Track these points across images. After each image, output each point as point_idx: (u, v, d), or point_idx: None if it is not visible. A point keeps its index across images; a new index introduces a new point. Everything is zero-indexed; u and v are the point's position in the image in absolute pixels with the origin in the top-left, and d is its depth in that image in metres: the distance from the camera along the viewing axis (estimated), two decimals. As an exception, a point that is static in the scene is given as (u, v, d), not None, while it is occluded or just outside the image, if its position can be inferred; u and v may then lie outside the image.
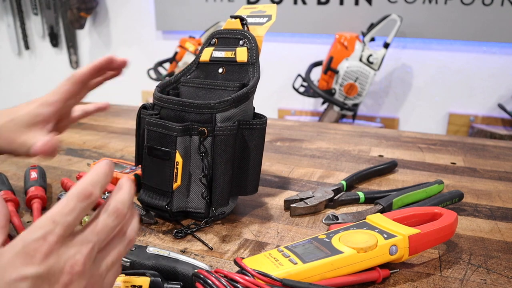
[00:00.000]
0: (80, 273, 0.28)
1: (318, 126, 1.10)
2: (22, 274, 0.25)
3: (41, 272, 0.26)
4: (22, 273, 0.26)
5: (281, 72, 2.36)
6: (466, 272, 0.47)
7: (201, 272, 0.39)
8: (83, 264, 0.28)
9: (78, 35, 2.83)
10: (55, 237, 0.27)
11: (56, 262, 0.27)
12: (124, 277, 0.41)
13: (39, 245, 0.26)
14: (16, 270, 0.26)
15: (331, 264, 0.42)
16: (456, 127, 2.17)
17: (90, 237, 0.29)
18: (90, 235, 0.29)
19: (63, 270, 0.27)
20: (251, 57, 0.57)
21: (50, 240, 0.27)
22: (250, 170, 0.57)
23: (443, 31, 2.04)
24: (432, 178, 0.74)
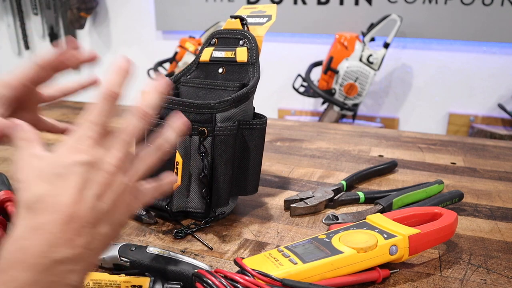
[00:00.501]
0: (118, 165, 0.33)
1: (318, 126, 1.10)
2: (75, 160, 0.32)
3: (89, 159, 0.32)
4: (75, 159, 0.32)
5: (281, 72, 2.36)
6: (466, 272, 0.47)
7: (201, 272, 0.39)
8: (119, 158, 0.34)
9: (78, 35, 2.83)
10: (94, 134, 0.33)
11: (99, 153, 0.33)
12: (124, 277, 0.41)
13: (84, 140, 0.33)
14: (69, 157, 0.32)
15: (331, 264, 0.42)
16: (456, 127, 2.17)
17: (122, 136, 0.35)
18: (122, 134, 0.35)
19: (106, 160, 0.33)
20: (251, 57, 0.57)
21: (91, 135, 0.33)
22: (250, 170, 0.57)
23: (443, 31, 2.04)
24: (432, 178, 0.74)
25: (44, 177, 0.32)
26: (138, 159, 0.36)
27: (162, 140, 0.37)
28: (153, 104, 0.36)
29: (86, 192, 0.32)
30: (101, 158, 0.33)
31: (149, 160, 0.36)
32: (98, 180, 0.32)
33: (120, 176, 0.34)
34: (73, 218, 0.31)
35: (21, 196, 0.32)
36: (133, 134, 0.35)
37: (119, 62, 0.36)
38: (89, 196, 0.32)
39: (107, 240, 0.33)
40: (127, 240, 0.54)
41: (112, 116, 0.34)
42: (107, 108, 0.34)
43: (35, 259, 0.29)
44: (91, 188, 0.32)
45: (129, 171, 0.35)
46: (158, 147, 0.37)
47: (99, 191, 0.32)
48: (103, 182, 0.32)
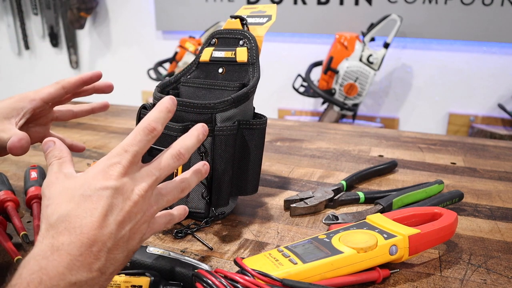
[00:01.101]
0: (143, 196, 0.34)
1: (318, 126, 1.10)
2: (104, 185, 0.33)
3: (118, 185, 0.33)
4: (104, 184, 0.33)
5: (281, 72, 2.36)
6: (466, 272, 0.47)
7: (201, 272, 0.39)
8: (146, 190, 0.35)
9: (78, 35, 2.83)
10: (126, 162, 0.34)
11: (128, 182, 0.34)
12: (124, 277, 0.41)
13: (116, 167, 0.34)
14: (99, 182, 0.33)
15: (331, 264, 0.42)
16: (456, 127, 2.17)
17: (153, 171, 0.36)
18: (154, 169, 0.36)
19: (133, 190, 0.34)
20: (251, 57, 0.57)
21: (123, 163, 0.34)
22: (250, 170, 0.57)
23: (443, 31, 2.04)
24: (432, 178, 0.74)
25: (71, 197, 0.33)
26: (161, 194, 0.37)
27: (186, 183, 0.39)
28: (190, 148, 0.38)
29: (110, 217, 0.32)
30: (128, 186, 0.34)
31: (171, 198, 0.38)
32: (122, 207, 0.33)
33: (142, 207, 0.35)
34: (94, 242, 0.31)
35: (45, 212, 0.33)
36: (164, 170, 0.36)
37: (165, 101, 0.37)
38: (112, 221, 0.32)
39: (120, 265, 0.34)
40: (127, 240, 0.54)
41: (146, 149, 0.35)
42: (143, 140, 0.35)
43: (52, 281, 0.29)
44: (115, 214, 0.33)
45: (151, 204, 0.36)
46: (182, 189, 0.39)
47: (121, 218, 0.33)
48: (127, 210, 0.33)
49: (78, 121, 1.10)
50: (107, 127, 1.06)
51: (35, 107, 0.53)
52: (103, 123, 1.09)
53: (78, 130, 1.03)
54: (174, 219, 0.41)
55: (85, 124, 1.08)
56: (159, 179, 0.36)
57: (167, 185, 0.38)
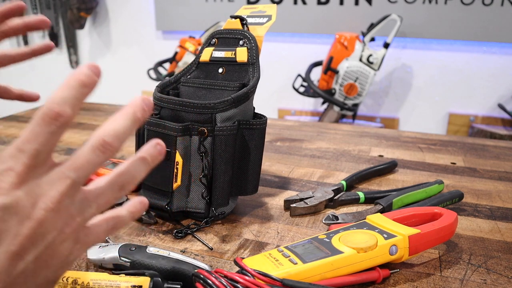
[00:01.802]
0: (54, 210, 0.25)
1: (318, 126, 1.10)
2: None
3: (8, 203, 0.24)
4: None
5: (281, 72, 2.36)
6: (466, 272, 0.47)
7: (201, 272, 0.39)
8: (57, 201, 0.25)
9: (78, 35, 2.83)
10: (21, 167, 0.24)
11: (26, 194, 0.24)
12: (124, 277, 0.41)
13: (6, 175, 0.24)
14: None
15: (331, 264, 0.42)
16: (456, 127, 2.17)
17: (67, 172, 0.25)
18: (67, 171, 0.25)
19: (35, 204, 0.24)
20: (251, 57, 0.57)
21: (17, 170, 0.24)
22: (250, 170, 0.57)
23: (443, 31, 2.04)
24: (432, 178, 0.74)
25: None
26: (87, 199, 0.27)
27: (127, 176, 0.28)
28: (119, 133, 0.26)
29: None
30: (27, 200, 0.24)
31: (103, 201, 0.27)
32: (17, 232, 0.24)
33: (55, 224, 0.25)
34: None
35: None
36: (83, 169, 0.26)
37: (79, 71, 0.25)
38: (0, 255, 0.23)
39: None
40: (127, 240, 0.54)
41: (52, 143, 0.25)
42: (44, 133, 0.24)
43: None
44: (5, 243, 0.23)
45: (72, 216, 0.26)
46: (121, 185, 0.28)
47: (17, 247, 0.24)
48: (26, 234, 0.24)
49: (78, 121, 1.10)
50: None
51: None
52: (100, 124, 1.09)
53: (78, 130, 1.03)
54: (124, 220, 0.30)
55: (85, 124, 1.08)
56: (77, 182, 0.26)
57: (97, 185, 0.27)
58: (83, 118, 1.12)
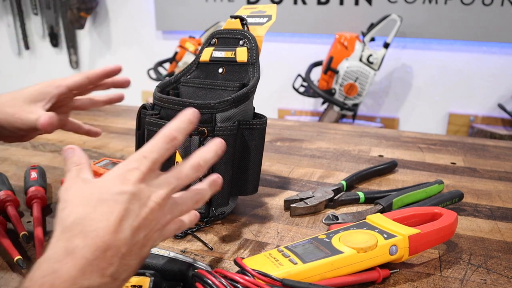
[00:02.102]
0: (160, 204, 0.34)
1: (318, 126, 1.10)
2: (121, 189, 0.32)
3: (135, 191, 0.33)
4: (121, 189, 0.32)
5: (281, 72, 2.36)
6: (466, 272, 0.47)
7: (201, 272, 0.39)
8: (164, 198, 0.34)
9: (78, 35, 2.83)
10: (145, 168, 0.34)
11: (145, 188, 0.33)
12: (124, 277, 0.41)
13: (134, 172, 0.33)
14: (117, 186, 0.33)
15: (331, 264, 0.42)
16: (456, 127, 2.17)
17: (172, 180, 0.35)
18: (172, 178, 0.35)
19: (150, 197, 0.33)
20: (251, 57, 0.57)
21: (141, 169, 0.33)
22: (250, 170, 0.57)
23: (443, 31, 2.04)
24: (432, 178, 0.74)
25: (88, 200, 0.32)
26: (176, 203, 0.36)
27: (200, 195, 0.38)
28: (209, 161, 0.37)
29: (126, 222, 0.32)
30: (145, 193, 0.33)
31: (185, 208, 0.37)
32: (139, 213, 0.33)
33: (158, 215, 0.34)
34: (109, 246, 0.31)
35: (61, 215, 0.33)
36: (182, 180, 0.36)
37: (189, 113, 0.36)
38: (127, 227, 0.32)
39: (132, 272, 0.33)
40: (127, 240, 0.54)
41: (165, 157, 0.35)
42: (163, 148, 0.35)
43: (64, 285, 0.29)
44: (131, 219, 0.32)
45: (165, 213, 0.35)
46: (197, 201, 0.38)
47: (137, 224, 0.32)
48: (143, 216, 0.33)
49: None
50: (107, 127, 1.06)
51: (60, 93, 0.56)
52: (103, 123, 1.09)
53: (78, 130, 1.03)
54: (185, 225, 0.41)
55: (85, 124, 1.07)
56: (176, 189, 0.35)
57: (182, 195, 0.37)
58: (83, 118, 1.12)
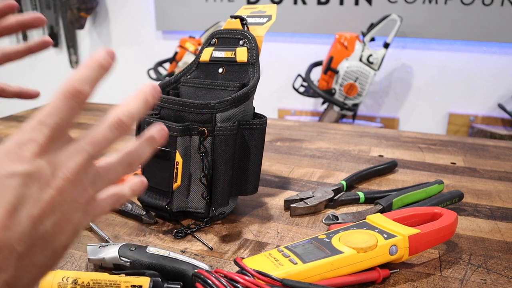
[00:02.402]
0: (71, 180, 0.27)
1: (318, 126, 1.10)
2: (11, 170, 0.25)
3: (30, 170, 0.25)
4: (11, 169, 0.25)
5: (281, 72, 2.36)
6: (466, 272, 0.47)
7: (201, 272, 0.39)
8: (75, 172, 0.27)
9: (78, 35, 2.83)
10: (43, 138, 0.26)
11: (46, 164, 0.26)
12: (124, 277, 0.41)
13: (29, 145, 0.26)
14: (6, 167, 0.25)
15: (331, 264, 0.42)
16: (456, 127, 2.17)
17: (85, 146, 0.28)
18: (85, 145, 0.28)
19: (55, 174, 0.26)
20: (251, 57, 0.57)
21: (39, 140, 0.26)
22: (250, 170, 0.57)
23: (443, 31, 2.04)
24: (432, 178, 0.74)
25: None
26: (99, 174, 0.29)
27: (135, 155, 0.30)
28: (133, 114, 0.29)
29: (21, 212, 0.25)
30: (48, 169, 0.26)
31: (114, 176, 0.30)
32: (39, 197, 0.25)
33: (71, 193, 0.27)
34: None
35: None
36: (100, 144, 0.28)
37: (98, 54, 0.28)
38: (23, 218, 0.25)
39: (43, 270, 0.27)
40: (127, 240, 0.54)
41: (71, 118, 0.27)
42: (65, 108, 0.27)
43: None
44: (28, 207, 0.25)
45: (85, 188, 0.28)
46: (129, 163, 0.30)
47: (38, 211, 0.25)
48: (46, 200, 0.26)
49: (78, 121, 1.10)
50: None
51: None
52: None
53: (78, 130, 1.03)
54: (125, 196, 0.32)
55: (85, 124, 1.08)
56: (93, 156, 0.28)
57: (107, 161, 0.30)
58: (83, 118, 1.12)
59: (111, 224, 0.57)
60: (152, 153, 0.31)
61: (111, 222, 0.58)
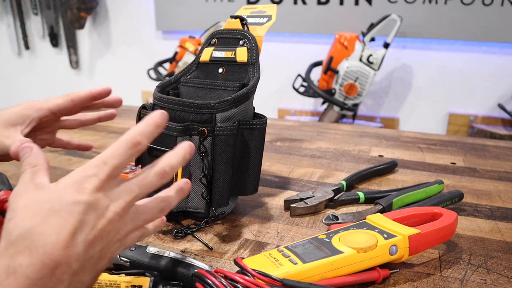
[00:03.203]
0: (120, 214, 0.31)
1: (318, 126, 1.10)
2: (76, 199, 0.29)
3: (92, 201, 0.30)
4: (76, 198, 0.29)
5: (281, 72, 2.36)
6: (466, 272, 0.47)
7: (201, 272, 0.39)
8: (123, 208, 0.31)
9: (78, 35, 2.83)
10: (104, 175, 0.30)
11: (103, 197, 0.30)
12: (124, 277, 0.41)
13: (91, 179, 0.30)
14: (71, 195, 0.29)
15: (331, 264, 0.42)
16: (456, 127, 2.17)
17: (134, 187, 0.32)
18: (134, 186, 0.32)
19: (108, 207, 0.30)
20: (251, 57, 0.57)
21: (100, 177, 0.30)
22: (250, 170, 0.57)
23: (443, 31, 2.04)
24: (432, 178, 0.74)
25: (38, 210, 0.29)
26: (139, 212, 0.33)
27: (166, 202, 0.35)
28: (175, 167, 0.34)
29: (79, 236, 0.29)
30: (103, 202, 0.30)
31: (149, 217, 0.34)
32: (95, 225, 0.30)
33: (117, 226, 0.31)
34: (58, 264, 0.28)
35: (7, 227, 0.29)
36: (146, 188, 0.33)
37: (155, 115, 0.33)
38: (81, 241, 0.29)
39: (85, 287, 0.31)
40: (127, 240, 0.54)
41: (128, 163, 0.32)
42: (125, 154, 0.31)
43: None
44: (86, 232, 0.29)
45: (126, 223, 0.32)
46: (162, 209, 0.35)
47: (92, 237, 0.29)
48: (100, 228, 0.30)
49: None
50: (107, 127, 1.06)
51: (42, 117, 0.53)
52: (103, 123, 1.09)
53: (78, 130, 1.03)
54: (149, 232, 0.38)
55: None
56: (138, 197, 0.32)
57: (146, 203, 0.34)
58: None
59: (111, 224, 0.57)
60: (152, 153, 0.35)
61: (111, 222, 0.58)
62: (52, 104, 0.54)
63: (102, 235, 0.30)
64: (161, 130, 0.33)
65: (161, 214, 0.35)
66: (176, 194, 0.36)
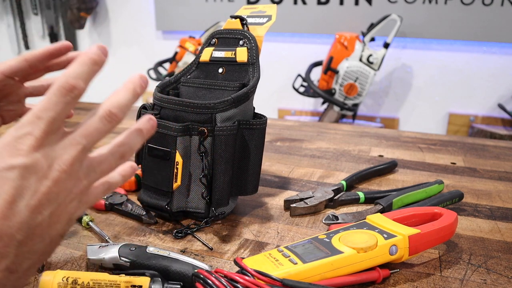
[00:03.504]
0: (67, 172, 0.28)
1: (318, 126, 1.10)
2: (9, 163, 0.26)
3: (28, 163, 0.27)
4: (9, 163, 0.26)
5: (281, 72, 2.36)
6: (466, 272, 0.47)
7: (201, 272, 0.39)
8: (70, 164, 0.28)
9: (78, 35, 2.83)
10: (40, 132, 0.27)
11: (43, 156, 0.27)
12: (124, 277, 0.41)
13: (26, 139, 0.27)
14: (4, 160, 0.26)
15: (331, 264, 0.42)
16: (456, 127, 2.17)
17: (78, 139, 0.29)
18: (79, 137, 0.29)
19: (51, 166, 0.28)
20: (251, 57, 0.57)
21: (36, 134, 0.27)
22: (250, 170, 0.57)
23: (443, 31, 2.04)
24: (432, 178, 0.74)
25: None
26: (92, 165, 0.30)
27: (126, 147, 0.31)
28: (123, 104, 0.30)
29: (19, 203, 0.26)
30: (44, 161, 0.27)
31: (106, 167, 0.31)
32: (36, 188, 0.27)
33: (67, 185, 0.28)
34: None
35: None
36: (92, 137, 0.29)
37: (91, 50, 0.29)
38: (22, 208, 0.26)
39: (42, 256, 0.29)
40: (127, 240, 0.54)
41: (66, 112, 0.28)
42: (60, 103, 0.28)
43: None
44: (26, 198, 0.27)
45: (80, 179, 0.29)
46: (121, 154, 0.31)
47: (36, 202, 0.27)
48: (44, 191, 0.27)
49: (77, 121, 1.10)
50: (107, 127, 1.05)
51: None
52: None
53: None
54: (116, 183, 0.34)
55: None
56: (87, 148, 0.29)
57: (100, 153, 0.31)
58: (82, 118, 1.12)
59: (111, 224, 0.57)
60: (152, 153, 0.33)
61: (111, 222, 0.58)
62: (4, 67, 0.47)
63: (48, 198, 0.27)
64: (99, 68, 0.29)
65: (122, 161, 0.32)
66: (136, 134, 0.32)
